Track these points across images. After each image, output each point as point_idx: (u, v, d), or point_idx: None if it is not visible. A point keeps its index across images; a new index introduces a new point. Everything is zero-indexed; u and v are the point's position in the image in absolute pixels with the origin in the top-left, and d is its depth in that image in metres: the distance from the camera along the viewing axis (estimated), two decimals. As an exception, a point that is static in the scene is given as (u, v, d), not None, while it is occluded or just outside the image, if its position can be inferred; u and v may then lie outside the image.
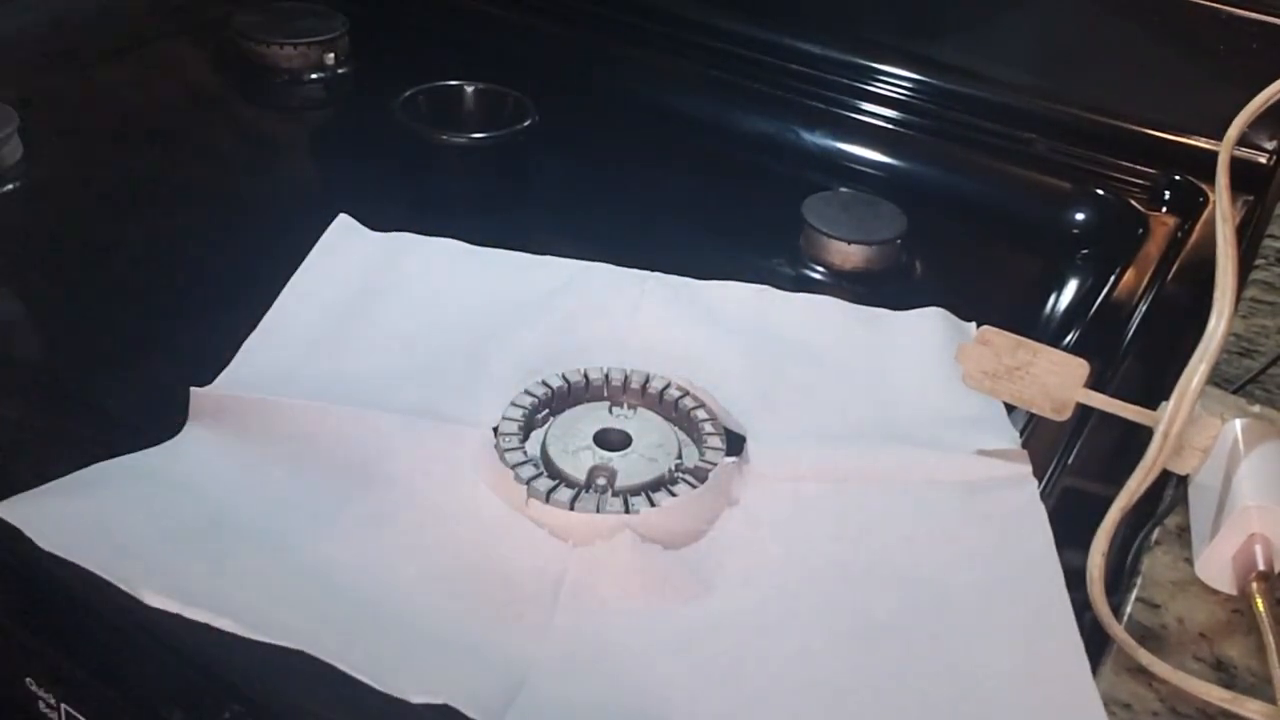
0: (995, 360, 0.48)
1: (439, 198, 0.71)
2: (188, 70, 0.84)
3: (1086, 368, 0.47)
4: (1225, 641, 0.40)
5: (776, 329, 0.57)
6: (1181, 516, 0.45)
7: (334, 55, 0.81)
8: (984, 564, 0.44)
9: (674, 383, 0.52)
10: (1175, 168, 0.73)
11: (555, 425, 0.49)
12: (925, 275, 0.66)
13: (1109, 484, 0.45)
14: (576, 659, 0.40)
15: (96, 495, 0.43)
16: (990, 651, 0.41)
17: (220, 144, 0.75)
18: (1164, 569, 0.43)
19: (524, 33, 0.90)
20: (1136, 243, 0.69)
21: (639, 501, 0.45)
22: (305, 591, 0.41)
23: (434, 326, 0.55)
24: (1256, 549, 0.40)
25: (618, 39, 0.87)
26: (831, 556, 0.45)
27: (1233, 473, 0.42)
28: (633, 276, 0.59)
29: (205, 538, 0.42)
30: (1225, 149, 0.51)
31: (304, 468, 0.46)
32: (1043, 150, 0.76)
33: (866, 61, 0.81)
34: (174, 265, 0.60)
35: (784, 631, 0.42)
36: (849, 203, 0.67)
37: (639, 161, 0.76)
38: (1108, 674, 0.39)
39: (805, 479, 0.48)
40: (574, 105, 0.81)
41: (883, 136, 0.79)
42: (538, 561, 0.43)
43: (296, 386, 0.50)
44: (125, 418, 0.49)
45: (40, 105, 0.71)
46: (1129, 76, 0.76)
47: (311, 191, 0.71)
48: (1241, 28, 0.71)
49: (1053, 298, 0.65)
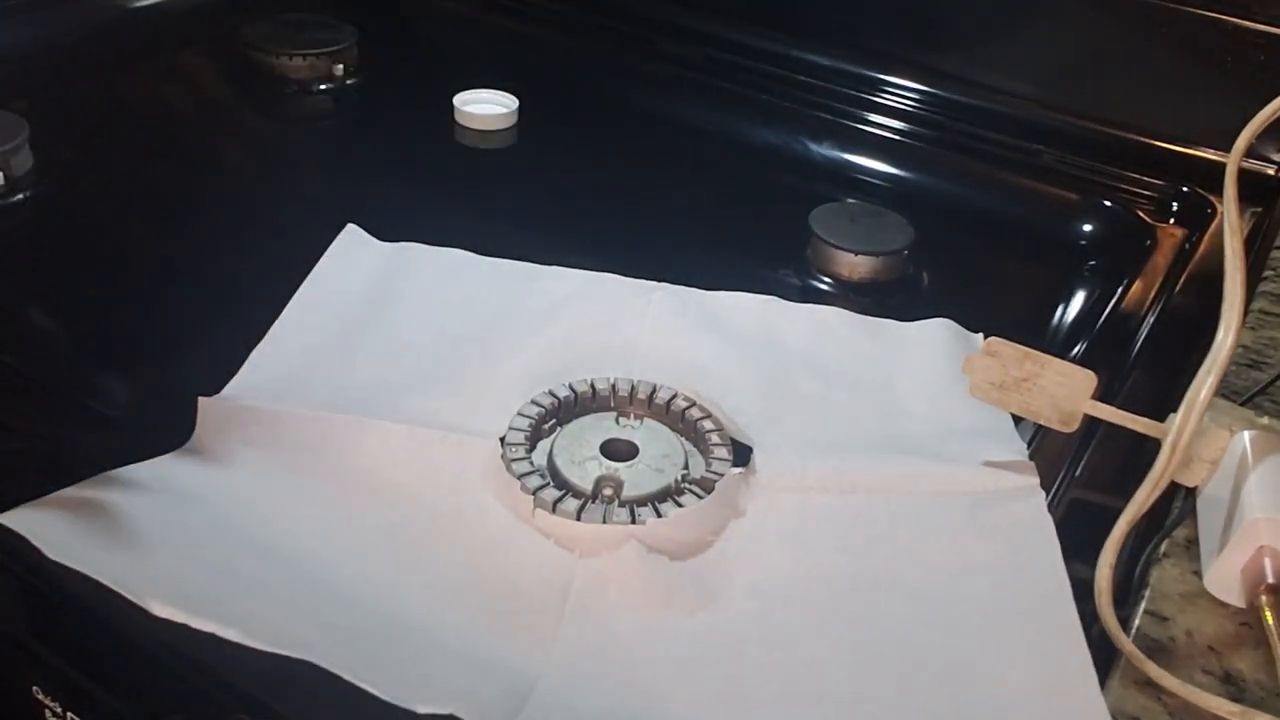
0: (1003, 371, 0.48)
1: (447, 207, 0.71)
2: (197, 81, 0.85)
3: (1094, 379, 0.47)
4: (1234, 654, 0.40)
5: (783, 340, 0.57)
6: (1190, 529, 0.45)
7: (343, 66, 0.82)
8: (991, 576, 0.44)
9: (681, 393, 0.52)
10: (1183, 179, 0.73)
11: (562, 435, 0.49)
12: (932, 286, 0.66)
13: (1117, 496, 0.45)
14: (582, 669, 0.40)
15: (103, 505, 0.43)
16: (998, 664, 0.41)
17: (229, 154, 0.76)
18: (1172, 581, 0.42)
19: (533, 45, 0.90)
20: (1144, 254, 0.69)
21: (645, 512, 0.45)
22: (311, 601, 0.41)
23: (441, 336, 0.55)
24: (1265, 561, 0.40)
25: (626, 52, 0.87)
26: (838, 567, 0.45)
27: (1241, 485, 0.42)
28: (640, 287, 0.60)
29: (212, 547, 0.42)
30: (1233, 161, 0.51)
31: (310, 477, 0.46)
32: (1050, 162, 0.76)
33: (874, 73, 0.81)
34: (182, 274, 0.61)
35: (790, 642, 0.41)
36: (856, 214, 0.67)
37: (647, 172, 0.76)
38: (1116, 687, 0.39)
39: (812, 490, 0.48)
40: (583, 116, 0.81)
41: (890, 148, 0.79)
42: (544, 572, 0.43)
43: (304, 396, 0.50)
44: (132, 426, 0.50)
45: (51, 115, 0.71)
46: (1137, 88, 0.76)
47: (320, 201, 0.71)
48: (1249, 39, 0.71)
49: (1060, 309, 0.65)
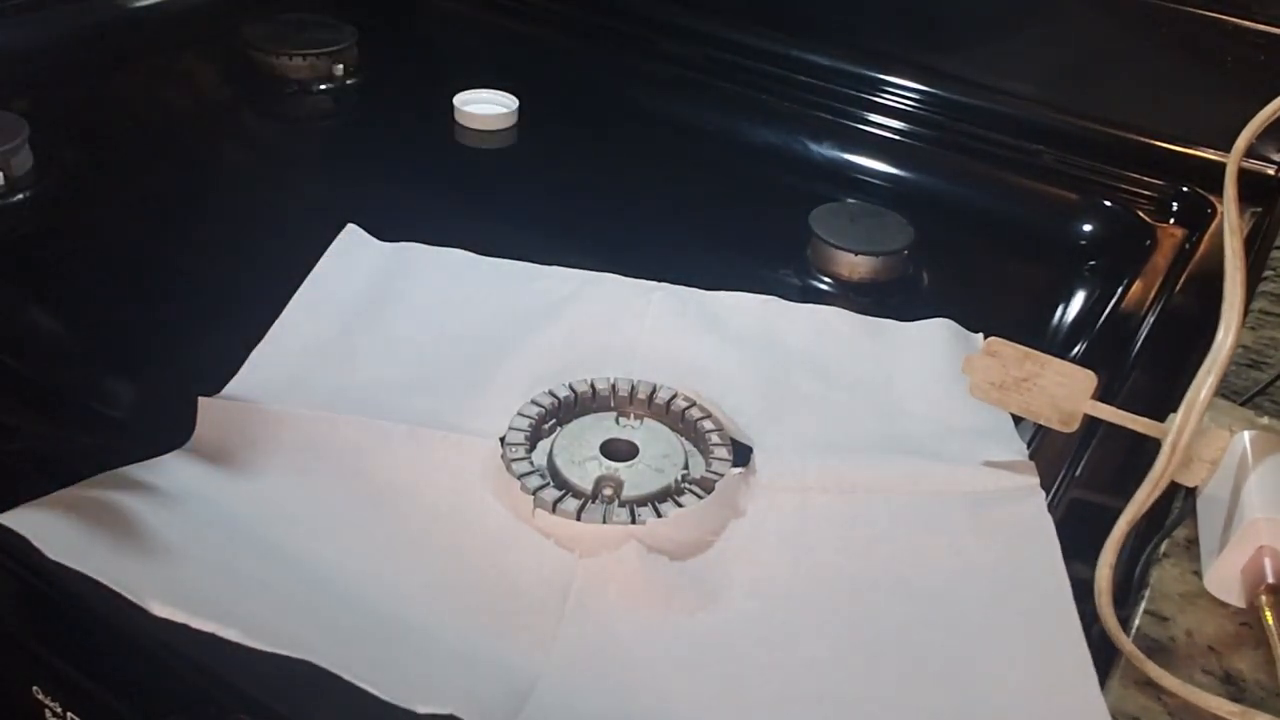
0: (1003, 371, 0.48)
1: (447, 207, 0.71)
2: (197, 81, 0.85)
3: (1094, 379, 0.47)
4: (1234, 654, 0.40)
5: (783, 340, 0.57)
6: (1190, 529, 0.45)
7: (343, 66, 0.82)
8: (991, 576, 0.44)
9: (681, 393, 0.52)
10: (1183, 179, 0.73)
11: (562, 435, 0.49)
12: (932, 286, 0.66)
13: (1117, 496, 0.45)
14: (582, 669, 0.40)
15: (103, 504, 0.43)
16: (998, 664, 0.41)
17: (229, 154, 0.76)
18: (1172, 581, 0.42)
19: (534, 45, 0.90)
20: (1144, 254, 0.69)
21: (645, 512, 0.45)
22: (311, 601, 0.41)
23: (441, 336, 0.55)
24: (1265, 561, 0.40)
25: (626, 52, 0.87)
26: (838, 568, 0.45)
27: (1241, 485, 0.42)
28: (640, 287, 0.60)
29: (212, 547, 0.42)
30: (1233, 160, 0.51)
31: (310, 477, 0.46)
32: (1050, 162, 0.76)
33: (874, 73, 0.81)
34: (182, 274, 0.61)
35: (790, 642, 0.41)
36: (856, 214, 0.67)
37: (647, 172, 0.76)
38: (1116, 687, 0.39)
39: (812, 490, 0.48)
40: (583, 116, 0.81)
41: (890, 148, 0.79)
42: (544, 572, 0.43)
43: (304, 395, 0.50)
44: (132, 426, 0.50)
45: (51, 115, 0.71)
46: (1137, 88, 0.76)
47: (320, 201, 0.71)
48: (1249, 39, 0.71)
49: (1060, 309, 0.65)
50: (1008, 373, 0.48)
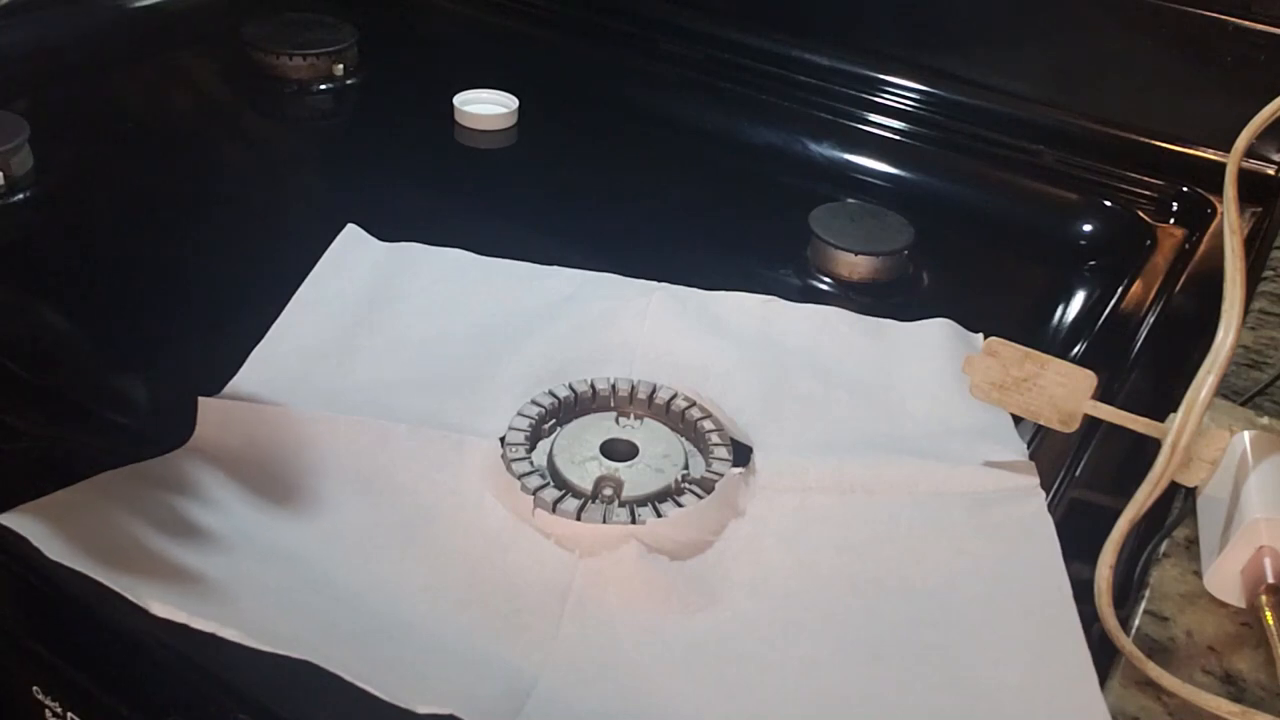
0: (1003, 371, 0.48)
1: (447, 207, 0.71)
2: (197, 81, 0.85)
3: (1094, 379, 0.47)
4: (1234, 654, 0.40)
5: (783, 340, 0.57)
6: (1190, 529, 0.45)
7: (343, 66, 0.82)
8: (991, 576, 0.44)
9: (681, 393, 0.52)
10: (1183, 179, 0.73)
11: (562, 435, 0.49)
12: (932, 286, 0.66)
13: (1117, 496, 0.45)
14: (582, 669, 0.40)
15: (103, 504, 0.43)
16: (998, 664, 0.41)
17: (229, 154, 0.76)
18: (1172, 581, 0.42)
19: (533, 45, 0.90)
20: (1144, 254, 0.69)
21: (645, 512, 0.45)
22: (311, 601, 0.41)
23: (441, 336, 0.55)
24: (1265, 561, 0.40)
25: (626, 52, 0.87)
26: (838, 567, 0.45)
27: (1241, 485, 0.42)
28: (640, 287, 0.60)
29: (212, 547, 0.42)
30: (1233, 160, 0.51)
31: (310, 477, 0.46)
32: (1050, 162, 0.76)
33: (874, 73, 0.81)
34: (182, 274, 0.61)
35: (791, 642, 0.41)
36: (856, 214, 0.67)
37: (647, 172, 0.76)
38: (1116, 687, 0.39)
39: (812, 490, 0.48)
40: (583, 116, 0.81)
41: (890, 148, 0.79)
42: (544, 572, 0.43)
43: (304, 395, 0.50)
44: (133, 426, 0.50)
45: (51, 115, 0.71)
46: (1137, 88, 0.76)
47: (320, 201, 0.71)
48: (1249, 39, 0.71)
49: (1060, 309, 0.65)
50: (1008, 373, 0.48)
